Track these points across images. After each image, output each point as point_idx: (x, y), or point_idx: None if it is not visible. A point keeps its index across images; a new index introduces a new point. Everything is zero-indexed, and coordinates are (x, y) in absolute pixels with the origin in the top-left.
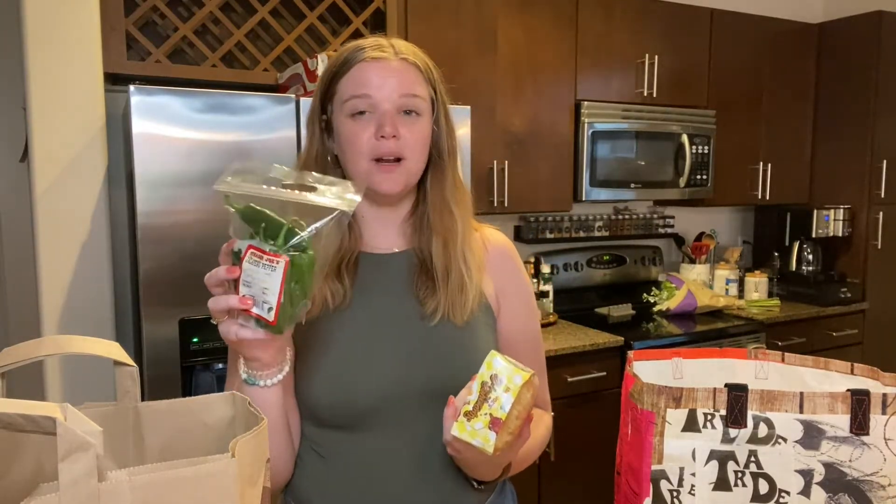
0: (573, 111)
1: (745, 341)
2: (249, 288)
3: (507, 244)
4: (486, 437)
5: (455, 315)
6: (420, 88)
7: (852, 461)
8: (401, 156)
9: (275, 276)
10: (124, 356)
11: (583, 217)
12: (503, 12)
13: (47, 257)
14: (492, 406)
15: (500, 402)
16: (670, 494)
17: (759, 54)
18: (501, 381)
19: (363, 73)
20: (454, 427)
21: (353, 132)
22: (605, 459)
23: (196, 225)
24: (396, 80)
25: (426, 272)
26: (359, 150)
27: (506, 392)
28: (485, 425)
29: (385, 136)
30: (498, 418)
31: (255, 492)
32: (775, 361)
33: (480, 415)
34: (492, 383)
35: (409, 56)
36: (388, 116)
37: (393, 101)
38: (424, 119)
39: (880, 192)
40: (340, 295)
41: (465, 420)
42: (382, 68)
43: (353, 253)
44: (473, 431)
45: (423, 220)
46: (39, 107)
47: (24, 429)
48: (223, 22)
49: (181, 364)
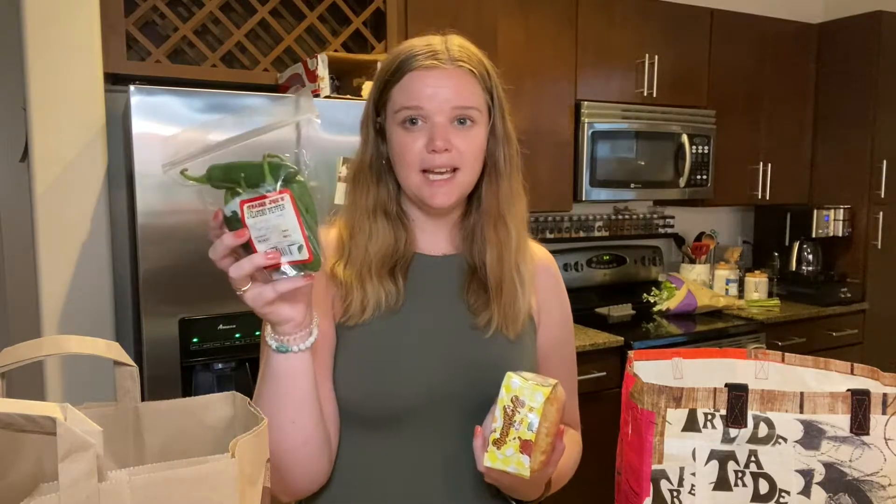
0: (573, 111)
1: (745, 341)
2: (267, 241)
3: (552, 260)
4: (519, 461)
5: (508, 329)
6: (475, 97)
7: (852, 461)
8: (454, 166)
9: (287, 213)
10: (124, 356)
11: (583, 217)
12: (503, 12)
13: (47, 257)
14: (518, 429)
15: (526, 424)
16: (670, 494)
17: (759, 54)
18: (524, 402)
19: (414, 84)
20: (486, 458)
21: (403, 143)
22: (605, 459)
23: (196, 225)
24: (450, 91)
25: (477, 280)
26: (409, 162)
27: (530, 412)
28: (516, 450)
29: (437, 150)
30: (528, 441)
31: (255, 492)
32: (775, 361)
33: (509, 440)
34: (514, 406)
35: (465, 61)
36: (439, 129)
37: (446, 113)
38: (479, 127)
39: (880, 192)
40: (393, 296)
41: (496, 449)
42: (435, 77)
43: (408, 255)
44: (506, 459)
45: (476, 230)
46: (39, 107)
47: (24, 429)
48: (223, 22)
49: (181, 364)
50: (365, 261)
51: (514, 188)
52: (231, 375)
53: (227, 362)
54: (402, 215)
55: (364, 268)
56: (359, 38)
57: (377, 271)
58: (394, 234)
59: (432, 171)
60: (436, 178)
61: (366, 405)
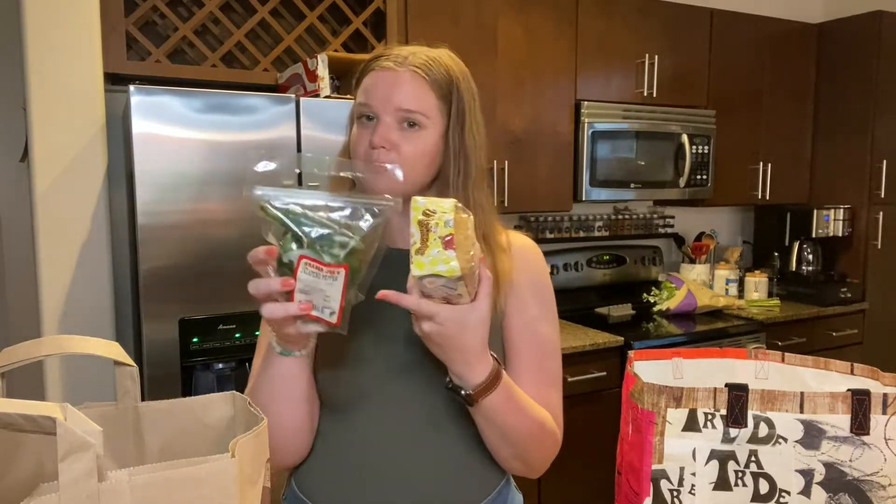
0: (573, 111)
1: (745, 341)
2: (308, 295)
3: (532, 245)
4: (446, 258)
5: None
6: (422, 103)
7: (853, 461)
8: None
9: (336, 284)
10: (124, 356)
11: (583, 217)
12: (503, 12)
13: (47, 257)
14: (437, 231)
15: (442, 223)
16: (671, 494)
17: (759, 54)
18: (434, 210)
19: (369, 83)
20: (413, 268)
21: (355, 137)
22: (605, 459)
23: (196, 225)
24: (399, 93)
25: None
26: (358, 155)
27: (444, 214)
28: (440, 249)
29: (374, 146)
30: (448, 235)
31: (256, 492)
32: (775, 361)
33: (431, 243)
34: (426, 218)
35: (419, 67)
36: (381, 127)
37: (391, 114)
38: (427, 133)
39: (880, 192)
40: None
41: (419, 257)
42: (386, 79)
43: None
44: (433, 260)
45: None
46: (39, 107)
47: (24, 429)
48: (223, 22)
49: (181, 364)
50: None
51: (474, 201)
52: (231, 375)
53: (227, 362)
54: None
55: None
56: (359, 38)
57: None
58: None
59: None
60: (375, 166)
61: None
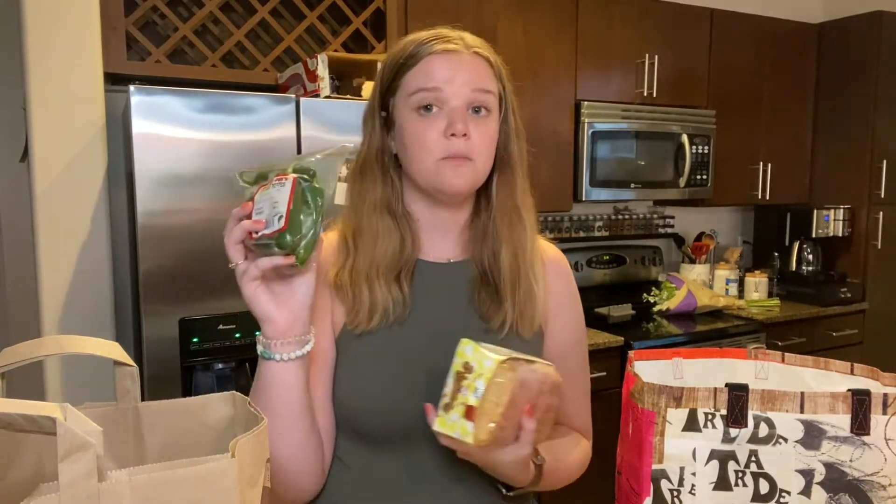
0: (573, 111)
1: (745, 341)
2: (261, 213)
3: (563, 258)
4: (463, 428)
5: (523, 327)
6: (492, 83)
7: (853, 461)
8: (469, 156)
9: (284, 189)
10: (124, 356)
11: (583, 217)
12: (503, 12)
13: (47, 257)
14: (465, 395)
15: (472, 390)
16: (671, 494)
17: (759, 54)
18: (473, 367)
19: (432, 66)
20: (435, 423)
21: (419, 129)
22: (605, 459)
23: (196, 225)
24: (468, 74)
25: (487, 286)
26: (428, 149)
27: (478, 378)
28: (460, 416)
29: (455, 135)
30: (471, 406)
31: (255, 492)
32: (775, 361)
33: (456, 405)
34: (464, 372)
35: (481, 49)
36: (458, 113)
37: (464, 97)
38: (493, 118)
39: (880, 192)
40: (400, 304)
41: (444, 413)
42: (453, 61)
43: (412, 261)
44: (452, 424)
45: (487, 229)
46: (39, 107)
47: (24, 429)
48: (223, 22)
49: (181, 364)
50: (373, 263)
51: (526, 183)
52: (231, 375)
53: (227, 362)
54: (408, 216)
55: (373, 270)
56: (359, 38)
57: (385, 275)
58: (400, 235)
59: (451, 158)
60: (451, 160)
61: (368, 422)
